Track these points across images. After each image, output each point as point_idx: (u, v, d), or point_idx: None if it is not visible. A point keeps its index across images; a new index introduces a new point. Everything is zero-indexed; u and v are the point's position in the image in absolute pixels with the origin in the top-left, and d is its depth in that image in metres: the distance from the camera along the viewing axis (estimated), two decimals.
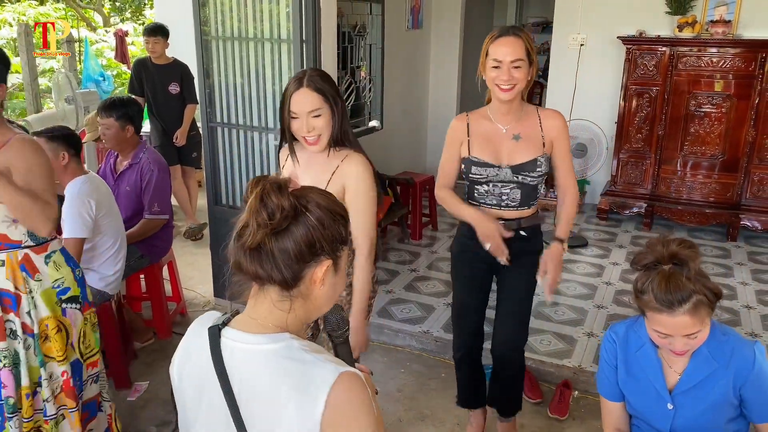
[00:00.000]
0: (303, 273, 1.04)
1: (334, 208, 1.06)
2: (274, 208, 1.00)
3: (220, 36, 3.47)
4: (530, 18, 9.32)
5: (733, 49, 4.75)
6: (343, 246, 1.08)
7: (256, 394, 1.04)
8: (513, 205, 2.31)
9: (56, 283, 2.15)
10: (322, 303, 1.11)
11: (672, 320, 1.48)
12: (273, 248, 1.01)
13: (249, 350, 1.05)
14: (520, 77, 2.14)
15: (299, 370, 1.02)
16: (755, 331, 3.55)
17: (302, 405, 1.00)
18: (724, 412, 1.61)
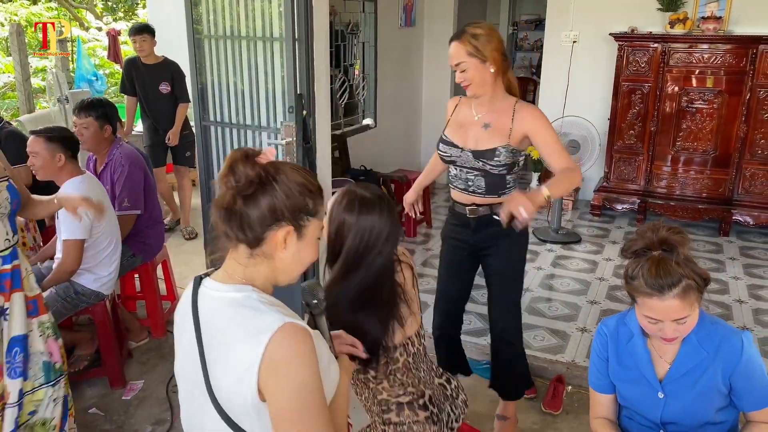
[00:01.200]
0: (265, 235, 1.16)
1: (303, 183, 1.17)
2: (241, 175, 1.12)
3: (212, 35, 3.47)
4: (523, 15, 9.35)
5: (724, 45, 4.77)
6: (308, 217, 1.18)
7: (216, 335, 1.16)
8: (480, 192, 2.39)
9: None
10: (288, 266, 1.21)
11: (662, 304, 1.50)
12: (240, 210, 1.14)
13: (215, 296, 1.19)
14: (468, 77, 2.25)
15: (250, 316, 1.14)
16: (747, 325, 3.58)
17: (247, 347, 1.11)
18: (713, 401, 1.63)
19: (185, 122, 4.89)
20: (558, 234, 4.94)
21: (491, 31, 2.26)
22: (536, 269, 4.37)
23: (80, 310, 2.94)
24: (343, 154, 4.97)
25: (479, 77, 2.25)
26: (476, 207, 2.41)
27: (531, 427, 2.80)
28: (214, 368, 1.16)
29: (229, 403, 1.15)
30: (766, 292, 4.01)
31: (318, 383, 1.13)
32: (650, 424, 1.73)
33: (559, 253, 4.67)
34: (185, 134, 4.86)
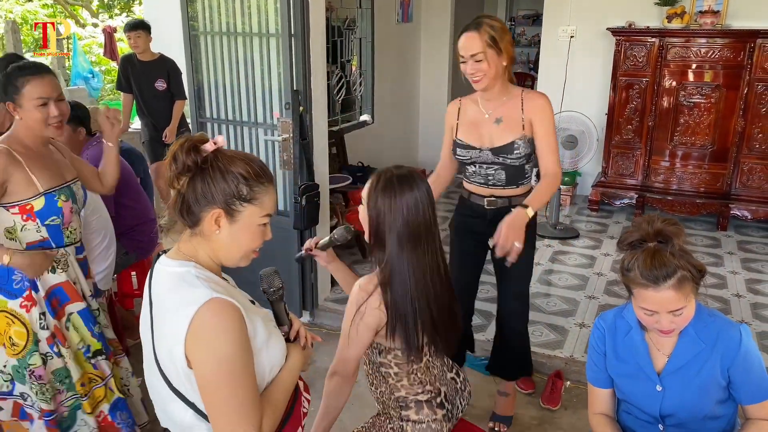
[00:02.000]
0: (199, 216, 1.27)
1: (241, 171, 1.26)
2: (179, 162, 1.24)
3: (208, 31, 3.46)
4: (520, 11, 9.33)
5: (722, 40, 4.76)
6: (241, 202, 1.27)
7: (159, 306, 1.27)
8: (500, 185, 2.42)
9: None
10: (225, 247, 1.30)
11: (657, 295, 1.50)
12: (181, 192, 1.26)
13: (163, 270, 1.30)
14: (484, 68, 2.23)
15: (185, 289, 1.23)
16: (745, 320, 3.58)
17: (177, 318, 1.20)
18: (712, 394, 1.63)
19: (182, 119, 4.88)
20: (556, 229, 4.94)
21: (504, 24, 2.29)
22: (534, 264, 4.35)
23: None
24: (340, 151, 4.96)
25: (494, 70, 2.24)
26: (495, 199, 2.43)
27: (529, 422, 2.80)
28: (157, 338, 1.27)
29: (167, 370, 1.25)
30: (764, 287, 4.01)
31: (243, 357, 1.21)
32: (649, 418, 1.73)
33: (557, 249, 4.67)
34: (182, 131, 4.85)
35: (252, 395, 1.22)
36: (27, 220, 2.09)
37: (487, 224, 2.42)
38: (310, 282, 3.56)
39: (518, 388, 3.00)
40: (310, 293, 3.57)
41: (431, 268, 1.68)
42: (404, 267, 1.65)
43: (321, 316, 3.62)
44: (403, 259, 1.64)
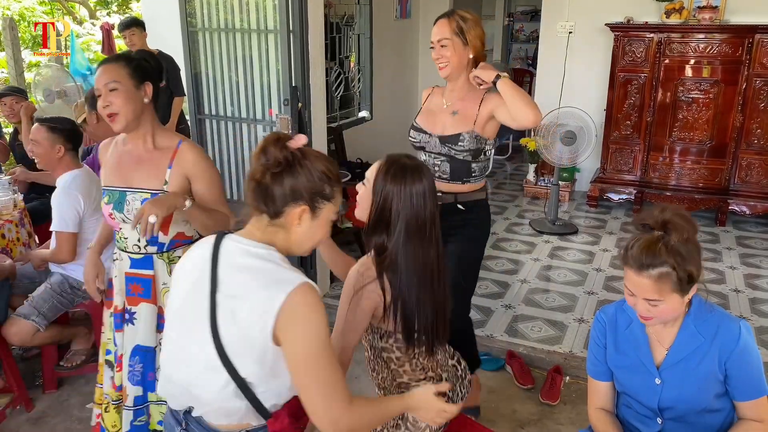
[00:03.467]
0: (284, 210, 1.32)
1: (324, 170, 1.33)
2: (271, 156, 1.28)
3: (206, 28, 3.46)
4: (519, 7, 9.33)
5: (720, 35, 4.76)
6: (323, 200, 1.34)
7: (234, 281, 1.30)
8: (445, 178, 2.45)
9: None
10: (300, 240, 1.37)
11: (636, 279, 1.55)
12: (267, 185, 1.30)
13: (241, 247, 1.33)
14: (447, 54, 2.32)
15: (273, 270, 1.29)
16: (744, 315, 3.59)
17: (267, 297, 1.24)
18: (711, 388, 1.63)
19: (181, 116, 4.87)
20: (555, 225, 4.94)
21: (478, 21, 2.37)
22: (533, 261, 4.37)
23: (76, 305, 2.93)
24: (338, 147, 4.96)
25: (457, 58, 2.33)
26: (441, 194, 2.42)
27: (529, 417, 2.81)
28: (224, 309, 1.28)
29: (232, 341, 1.26)
30: (762, 282, 4.02)
31: (329, 337, 1.30)
32: (647, 412, 1.73)
33: (556, 245, 4.67)
34: (181, 128, 4.84)
35: (340, 374, 1.29)
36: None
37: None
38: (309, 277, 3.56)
39: (517, 383, 3.01)
40: None
41: (433, 260, 1.69)
42: (409, 255, 1.66)
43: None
44: (409, 248, 1.65)
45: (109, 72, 1.93)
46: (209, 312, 1.28)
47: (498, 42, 8.97)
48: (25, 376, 2.97)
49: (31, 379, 3.05)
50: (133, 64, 1.97)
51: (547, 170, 5.69)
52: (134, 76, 1.95)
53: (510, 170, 6.96)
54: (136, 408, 2.13)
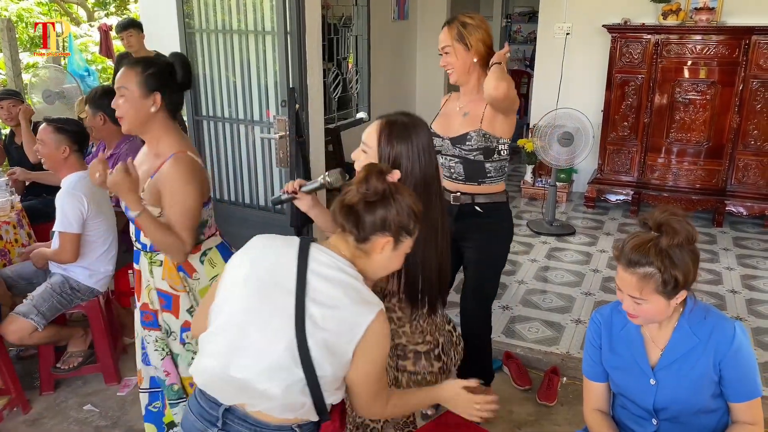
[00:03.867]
0: (371, 237, 1.39)
1: (413, 207, 1.41)
2: (371, 186, 1.37)
3: (204, 29, 3.46)
4: (517, 8, 9.33)
5: (717, 36, 4.77)
6: (407, 234, 1.41)
7: (321, 290, 1.35)
8: (460, 180, 2.47)
9: (213, 279, 2.12)
10: (377, 267, 1.45)
11: (623, 274, 1.58)
12: (360, 212, 1.38)
13: (332, 261, 1.39)
14: (451, 61, 2.38)
15: (358, 288, 1.37)
16: (741, 316, 3.59)
17: (358, 313, 1.33)
18: (705, 388, 1.64)
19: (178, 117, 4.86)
20: (552, 226, 4.95)
21: (481, 23, 2.37)
22: (531, 261, 4.37)
23: (74, 306, 2.93)
24: (336, 148, 4.97)
25: (461, 63, 2.37)
26: (460, 195, 2.49)
27: (526, 418, 2.81)
28: (313, 311, 1.33)
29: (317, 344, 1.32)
30: (759, 283, 4.03)
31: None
32: (642, 413, 1.74)
33: (554, 245, 4.68)
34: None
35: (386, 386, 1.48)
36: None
37: (454, 221, 2.45)
38: None
39: (515, 384, 3.01)
40: None
41: (438, 216, 1.71)
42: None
43: None
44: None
45: (123, 76, 1.98)
46: (295, 317, 1.33)
47: (496, 43, 8.94)
48: (22, 377, 2.97)
49: (28, 381, 3.05)
50: (147, 72, 1.97)
51: (544, 171, 5.70)
52: (144, 85, 1.96)
53: (508, 171, 6.95)
54: (151, 391, 2.21)
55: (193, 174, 1.99)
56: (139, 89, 1.95)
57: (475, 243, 2.48)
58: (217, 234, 2.20)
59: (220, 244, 2.19)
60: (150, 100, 1.97)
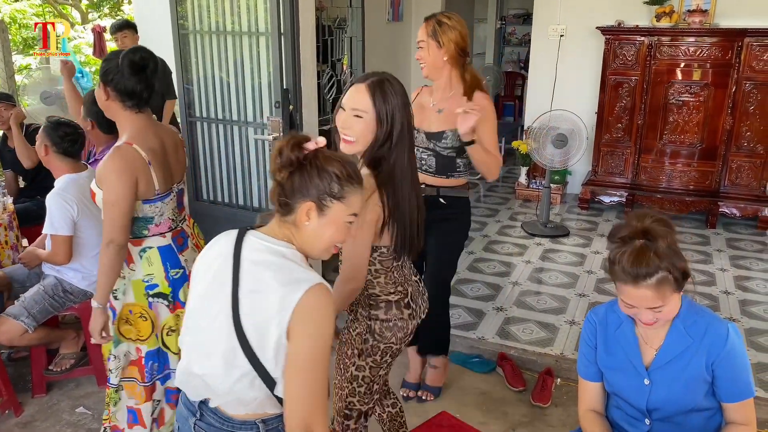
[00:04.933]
0: (292, 205, 1.37)
1: (334, 171, 1.37)
2: (284, 157, 1.35)
3: (197, 30, 3.45)
4: (511, 10, 9.35)
5: (710, 39, 4.79)
6: (331, 199, 1.37)
7: (255, 277, 1.35)
8: (431, 171, 2.56)
9: (146, 277, 2.22)
10: (311, 239, 1.40)
11: (636, 292, 1.53)
12: (279, 181, 1.37)
13: (262, 244, 1.39)
14: (423, 55, 2.48)
15: (290, 268, 1.34)
16: (734, 316, 3.61)
17: (283, 295, 1.29)
18: (699, 389, 1.64)
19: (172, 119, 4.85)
20: (546, 227, 4.95)
21: (457, 24, 2.44)
22: (525, 263, 4.38)
23: (66, 308, 2.92)
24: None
25: (431, 59, 2.45)
26: (425, 186, 2.55)
27: (520, 420, 2.81)
28: (246, 303, 1.33)
29: (253, 334, 1.32)
30: (752, 283, 4.05)
31: (331, 340, 1.35)
32: (635, 413, 1.74)
33: (548, 247, 4.68)
34: None
35: (327, 385, 1.35)
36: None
37: None
38: None
39: (509, 385, 3.01)
40: None
41: (414, 164, 1.82)
42: (404, 164, 1.76)
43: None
44: (404, 156, 1.76)
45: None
46: (231, 307, 1.33)
47: (490, 45, 9.00)
48: (13, 380, 2.95)
49: (20, 383, 3.03)
50: (101, 65, 2.14)
51: (538, 173, 5.71)
52: (99, 77, 2.12)
53: (502, 173, 6.97)
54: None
55: (123, 166, 2.05)
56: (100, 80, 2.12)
57: (438, 232, 2.59)
58: (166, 235, 2.24)
59: (166, 247, 2.24)
60: (101, 91, 2.12)
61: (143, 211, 2.16)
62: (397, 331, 1.89)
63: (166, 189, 2.21)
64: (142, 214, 2.17)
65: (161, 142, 2.20)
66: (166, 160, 2.21)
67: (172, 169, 2.26)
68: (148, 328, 2.26)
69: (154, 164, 2.13)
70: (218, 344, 1.35)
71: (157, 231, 2.21)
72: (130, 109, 2.13)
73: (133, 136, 2.11)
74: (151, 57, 2.21)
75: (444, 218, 2.58)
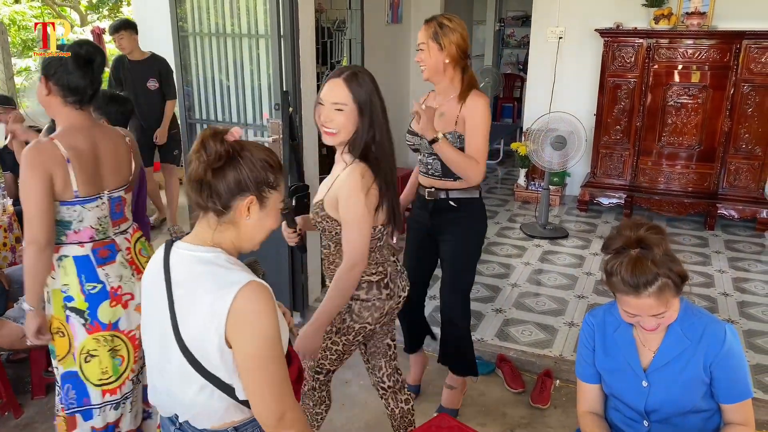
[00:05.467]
0: (231, 204, 1.29)
1: (265, 159, 1.31)
2: (211, 150, 1.26)
3: (197, 32, 3.46)
4: (510, 12, 9.37)
5: (709, 41, 4.81)
6: (269, 189, 1.32)
7: (185, 288, 1.29)
8: (437, 175, 2.53)
9: (64, 287, 2.09)
10: (251, 233, 1.35)
11: (638, 302, 1.54)
12: (210, 181, 1.27)
13: (187, 255, 1.32)
14: (424, 58, 2.42)
15: (218, 273, 1.28)
16: (732, 318, 3.61)
17: (214, 301, 1.24)
18: (696, 390, 1.65)
19: (173, 120, 4.86)
20: (545, 229, 4.96)
21: (458, 26, 2.42)
22: (524, 264, 4.39)
23: None
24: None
25: (433, 62, 2.41)
26: (435, 190, 2.55)
27: (519, 421, 2.82)
28: (182, 317, 1.28)
29: (195, 346, 1.27)
30: (750, 285, 4.05)
31: (278, 335, 1.28)
32: (633, 414, 1.75)
33: (547, 249, 4.69)
34: (173, 133, 4.83)
35: (285, 368, 1.30)
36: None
37: (429, 216, 2.59)
38: (300, 283, 3.56)
39: (508, 387, 3.02)
40: (300, 294, 3.57)
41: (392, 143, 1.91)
42: (386, 145, 1.87)
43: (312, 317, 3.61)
44: (385, 138, 1.86)
45: None
46: (171, 324, 1.29)
47: (489, 47, 9.02)
48: (13, 381, 2.95)
49: (20, 385, 3.03)
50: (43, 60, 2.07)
51: (537, 175, 5.72)
52: (40, 71, 2.04)
53: (501, 175, 6.99)
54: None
55: (35, 161, 1.93)
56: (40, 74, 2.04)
57: (451, 237, 2.58)
58: (85, 245, 2.08)
59: (83, 257, 2.08)
60: (42, 85, 2.03)
61: (60, 213, 2.02)
62: (374, 311, 1.98)
63: (91, 193, 2.05)
64: (59, 217, 2.02)
65: (92, 143, 2.05)
66: (95, 163, 2.05)
67: (103, 174, 2.09)
68: (64, 346, 2.13)
69: (76, 164, 1.98)
70: (170, 362, 1.31)
71: (75, 239, 2.06)
72: (71, 105, 2.02)
73: (60, 132, 2.00)
74: (98, 51, 2.09)
75: (456, 222, 2.54)
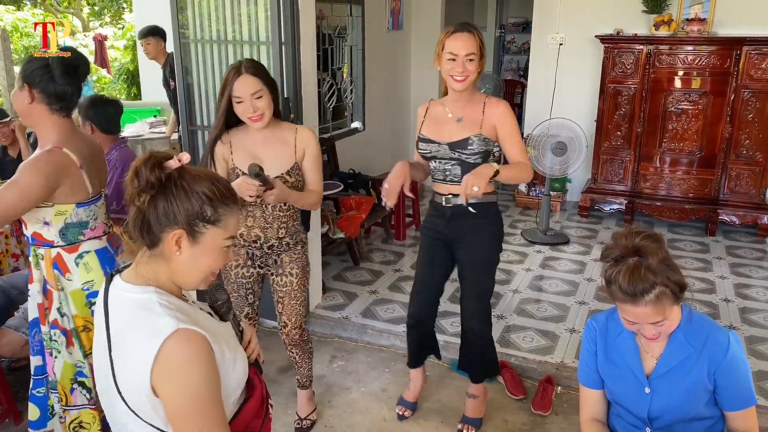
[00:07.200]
0: (160, 236, 1.21)
1: (205, 191, 1.22)
2: (143, 178, 1.18)
3: (198, 39, 3.46)
4: (510, 18, 9.39)
5: (709, 47, 4.82)
6: (204, 224, 1.22)
7: (119, 334, 1.21)
8: (456, 181, 2.49)
9: (85, 285, 2.12)
10: (185, 270, 1.25)
11: (636, 310, 1.54)
12: (141, 211, 1.20)
13: (121, 296, 1.24)
14: (472, 69, 2.37)
15: (147, 318, 1.18)
16: (734, 324, 3.61)
17: (141, 349, 1.15)
18: (699, 397, 1.65)
19: None
20: (546, 235, 4.96)
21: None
22: (525, 271, 4.38)
23: None
24: (331, 158, 4.97)
25: (475, 72, 2.38)
26: (452, 196, 2.52)
27: (521, 428, 2.81)
28: (118, 364, 1.21)
29: (129, 396, 1.20)
30: (752, 291, 4.05)
31: (212, 386, 1.19)
32: (636, 421, 1.74)
33: (548, 255, 4.69)
34: None
35: (221, 422, 1.20)
36: None
37: (446, 223, 2.55)
38: None
39: (509, 393, 3.01)
40: None
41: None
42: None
43: (312, 324, 3.61)
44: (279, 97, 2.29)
45: None
46: (111, 370, 1.22)
47: (489, 53, 9.02)
48: (13, 389, 2.94)
49: (20, 393, 3.02)
50: (23, 67, 2.04)
51: (538, 181, 5.72)
52: (20, 78, 2.02)
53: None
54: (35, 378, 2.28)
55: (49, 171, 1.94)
56: (18, 82, 2.02)
57: (470, 243, 2.54)
58: (102, 238, 2.17)
59: (102, 249, 2.16)
60: (25, 93, 1.99)
61: (78, 215, 2.07)
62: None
63: (98, 192, 2.15)
64: (77, 219, 2.07)
65: (87, 145, 2.12)
66: (95, 164, 2.14)
67: (99, 174, 2.18)
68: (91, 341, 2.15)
69: (86, 167, 2.05)
70: (115, 406, 1.24)
71: (92, 235, 2.14)
72: (57, 112, 2.02)
73: (61, 140, 2.01)
74: (81, 58, 2.11)
75: (474, 229, 2.52)
